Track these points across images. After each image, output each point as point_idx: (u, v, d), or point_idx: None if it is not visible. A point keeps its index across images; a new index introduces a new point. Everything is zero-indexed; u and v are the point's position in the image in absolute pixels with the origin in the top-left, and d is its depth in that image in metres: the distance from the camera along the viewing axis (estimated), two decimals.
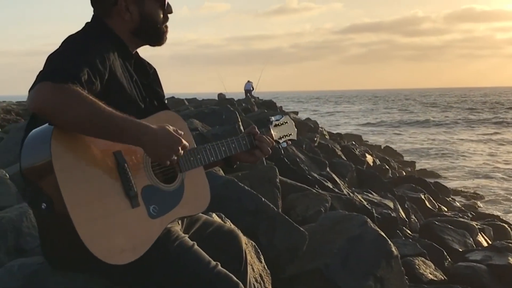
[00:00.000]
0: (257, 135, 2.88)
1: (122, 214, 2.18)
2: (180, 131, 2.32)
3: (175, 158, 2.29)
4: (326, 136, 21.13)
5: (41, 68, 2.17)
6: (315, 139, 15.51)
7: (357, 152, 16.21)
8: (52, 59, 2.18)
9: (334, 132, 27.91)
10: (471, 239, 8.39)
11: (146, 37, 2.57)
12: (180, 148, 2.29)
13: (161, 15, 2.55)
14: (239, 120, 9.94)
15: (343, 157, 13.98)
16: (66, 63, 2.11)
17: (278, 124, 3.10)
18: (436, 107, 73.23)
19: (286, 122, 3.14)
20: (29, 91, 2.08)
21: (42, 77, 2.05)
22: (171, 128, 2.29)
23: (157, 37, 2.59)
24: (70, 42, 2.29)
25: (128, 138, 2.18)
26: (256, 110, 19.89)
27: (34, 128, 2.15)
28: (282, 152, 3.35)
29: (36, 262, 2.52)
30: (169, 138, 2.25)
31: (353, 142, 22.34)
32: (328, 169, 10.17)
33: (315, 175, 8.57)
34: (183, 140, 2.31)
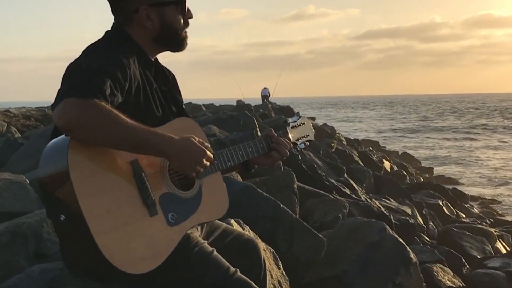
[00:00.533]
0: (274, 137, 2.84)
1: (140, 223, 2.18)
2: (206, 143, 2.34)
3: (201, 169, 2.30)
4: (343, 142, 21.07)
5: (61, 76, 2.17)
6: (332, 144, 15.49)
7: (374, 158, 16.17)
8: (74, 71, 2.17)
9: (351, 138, 27.82)
10: (490, 246, 8.33)
11: (167, 44, 2.55)
12: (205, 160, 2.29)
13: (182, 21, 2.53)
14: (257, 126, 9.95)
15: (361, 163, 13.94)
16: (89, 76, 2.10)
17: (296, 126, 3.06)
18: (454, 113, 72.82)
19: (303, 123, 3.11)
20: (53, 106, 2.08)
21: (66, 92, 2.04)
22: (196, 139, 2.29)
23: (178, 43, 2.57)
24: (91, 52, 2.28)
25: (152, 151, 2.19)
26: (274, 115, 19.89)
27: (59, 136, 2.14)
28: (300, 157, 3.34)
29: (56, 268, 2.54)
30: (194, 150, 2.26)
31: (371, 148, 22.28)
32: (345, 175, 10.15)
33: (333, 181, 8.56)
34: (207, 152, 2.31)
